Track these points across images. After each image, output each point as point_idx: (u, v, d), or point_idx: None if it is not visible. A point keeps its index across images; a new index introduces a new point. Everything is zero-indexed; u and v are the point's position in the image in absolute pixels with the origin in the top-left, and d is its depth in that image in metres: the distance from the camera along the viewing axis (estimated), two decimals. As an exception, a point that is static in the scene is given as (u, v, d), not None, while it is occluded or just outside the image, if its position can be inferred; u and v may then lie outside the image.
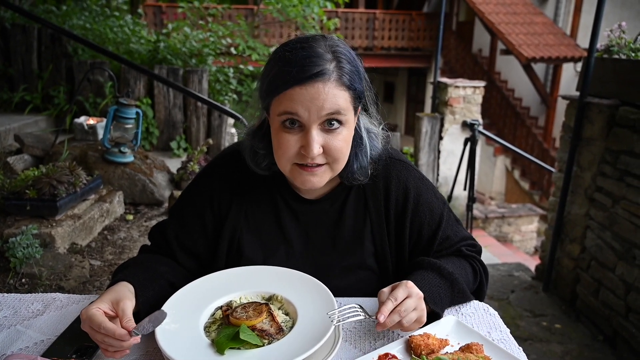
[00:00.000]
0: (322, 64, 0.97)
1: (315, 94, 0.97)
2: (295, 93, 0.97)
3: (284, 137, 1.02)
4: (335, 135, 1.02)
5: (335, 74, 0.98)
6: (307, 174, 1.05)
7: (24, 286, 2.52)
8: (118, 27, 6.02)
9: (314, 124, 0.99)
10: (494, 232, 7.28)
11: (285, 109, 0.99)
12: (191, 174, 3.85)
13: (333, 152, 1.03)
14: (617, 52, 3.25)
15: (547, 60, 10.94)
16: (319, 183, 1.07)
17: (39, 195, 2.81)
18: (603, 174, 3.27)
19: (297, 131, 1.01)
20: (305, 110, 0.98)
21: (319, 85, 0.97)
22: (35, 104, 5.03)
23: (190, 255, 1.21)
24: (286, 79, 0.97)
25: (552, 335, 3.34)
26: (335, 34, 7.68)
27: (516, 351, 0.99)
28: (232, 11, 9.95)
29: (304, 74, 0.96)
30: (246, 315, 0.96)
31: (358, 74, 1.04)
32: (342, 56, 1.01)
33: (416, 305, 0.97)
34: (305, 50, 0.99)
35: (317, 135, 1.00)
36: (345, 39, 1.36)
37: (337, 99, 0.99)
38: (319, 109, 0.98)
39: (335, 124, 1.01)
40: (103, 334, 0.88)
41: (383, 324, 0.94)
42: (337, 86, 0.99)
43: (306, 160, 1.02)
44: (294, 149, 1.02)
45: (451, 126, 6.22)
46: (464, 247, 1.24)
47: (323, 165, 1.05)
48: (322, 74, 0.97)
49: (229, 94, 5.91)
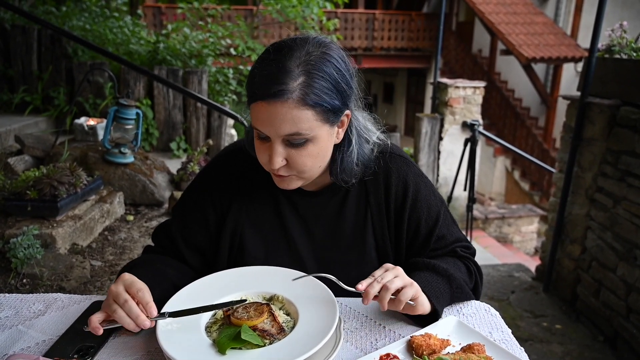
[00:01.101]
0: (285, 82, 0.94)
1: (273, 113, 0.96)
2: (257, 109, 0.98)
3: (258, 145, 1.05)
4: (299, 151, 1.02)
5: (297, 92, 0.94)
6: (279, 179, 1.09)
7: (25, 286, 2.52)
8: (118, 28, 6.02)
9: (277, 139, 1.00)
10: (494, 233, 7.28)
11: (254, 123, 1.01)
12: (191, 174, 3.86)
13: (297, 165, 1.04)
14: (619, 52, 3.25)
15: (547, 60, 10.94)
16: (291, 186, 1.10)
17: (40, 196, 2.81)
18: (604, 175, 3.27)
19: (266, 140, 1.02)
20: (265, 127, 0.99)
21: (277, 105, 0.95)
22: (36, 105, 5.03)
23: (196, 251, 1.22)
24: (252, 93, 0.99)
25: (552, 336, 3.34)
26: (334, 35, 7.64)
27: (518, 351, 0.99)
28: (232, 12, 9.95)
29: (263, 92, 0.96)
30: (247, 315, 0.96)
31: (336, 89, 0.99)
32: (315, 72, 0.96)
33: (396, 274, 1.00)
34: (274, 64, 0.96)
35: (280, 148, 1.01)
36: (344, 40, 1.36)
37: (297, 120, 0.96)
38: (277, 129, 0.98)
39: (299, 140, 1.00)
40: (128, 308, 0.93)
41: (366, 292, 0.96)
42: (297, 106, 0.95)
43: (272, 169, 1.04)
44: (265, 157, 1.04)
45: (451, 127, 6.22)
46: (459, 248, 1.25)
47: (289, 176, 1.07)
48: (280, 94, 0.94)
49: (229, 94, 5.91)
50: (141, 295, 0.96)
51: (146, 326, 0.94)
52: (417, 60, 14.51)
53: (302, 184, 1.11)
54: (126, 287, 0.97)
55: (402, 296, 0.98)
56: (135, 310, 0.94)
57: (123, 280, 0.98)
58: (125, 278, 0.99)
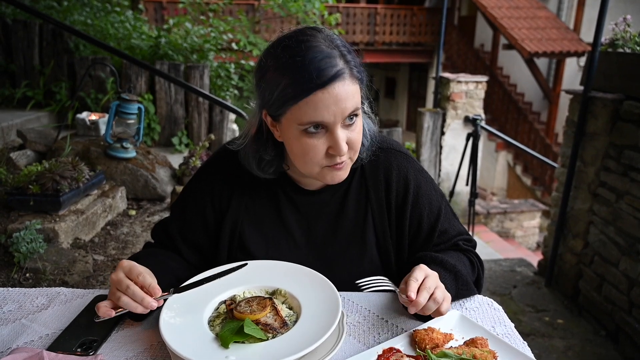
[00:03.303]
0: (336, 64, 0.96)
1: (336, 96, 0.95)
2: (317, 99, 0.95)
3: (309, 143, 1.00)
4: (353, 129, 1.03)
5: (347, 70, 0.97)
6: (337, 171, 1.06)
7: (28, 281, 2.53)
8: (119, 22, 6.01)
9: (338, 124, 0.99)
10: (496, 228, 7.28)
11: (310, 118, 0.97)
12: (193, 169, 3.86)
13: (354, 144, 1.04)
14: (622, 46, 3.23)
15: (550, 54, 10.89)
16: (346, 175, 1.09)
17: (42, 190, 2.81)
18: (607, 169, 3.26)
19: (321, 134, 1.00)
20: (331, 114, 0.97)
21: (338, 86, 0.95)
22: (37, 99, 5.03)
23: (194, 249, 1.22)
24: (306, 86, 0.94)
25: (554, 331, 3.34)
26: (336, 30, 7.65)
27: (521, 345, 0.99)
28: (233, 6, 9.91)
29: (323, 78, 0.94)
30: (250, 309, 0.96)
31: (355, 59, 1.02)
32: (342, 48, 1.00)
33: (437, 284, 0.99)
34: (313, 51, 0.96)
35: (342, 133, 1.00)
36: (346, 34, 1.36)
37: (354, 94, 0.99)
38: (343, 110, 0.97)
39: (353, 119, 1.02)
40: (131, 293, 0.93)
41: (416, 302, 0.94)
42: (351, 82, 0.98)
43: (336, 160, 1.03)
44: (322, 153, 1.02)
45: (453, 121, 6.20)
46: (461, 241, 1.25)
47: (344, 163, 1.06)
48: (338, 74, 0.95)
49: (230, 89, 5.90)
50: (142, 278, 0.96)
51: (153, 306, 0.95)
52: (419, 55, 14.46)
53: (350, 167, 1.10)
54: (126, 273, 0.97)
55: (442, 308, 0.99)
56: (139, 293, 0.94)
57: (122, 267, 0.98)
58: (124, 265, 0.99)
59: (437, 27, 12.95)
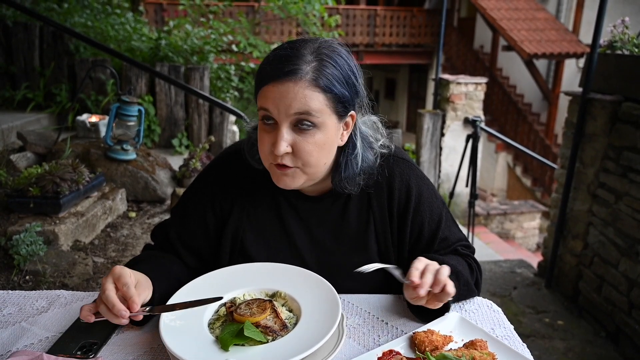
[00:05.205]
0: (298, 64, 0.97)
1: (284, 92, 0.97)
2: (268, 90, 0.99)
3: (261, 134, 1.05)
4: (306, 137, 1.01)
5: (310, 74, 0.97)
6: (280, 173, 1.05)
7: (28, 283, 2.53)
8: (119, 24, 6.02)
9: (284, 122, 1.00)
10: (496, 229, 7.28)
11: (261, 104, 1.01)
12: (193, 171, 3.86)
13: (301, 154, 1.02)
14: (620, 48, 3.24)
15: (549, 56, 10.90)
16: (293, 184, 1.07)
17: (42, 192, 2.81)
18: (606, 170, 3.27)
19: (271, 128, 1.02)
20: (275, 107, 0.99)
21: (290, 84, 0.97)
22: (38, 101, 5.04)
23: (194, 254, 1.22)
24: (262, 77, 1.00)
25: (554, 332, 3.34)
26: (336, 31, 7.66)
27: (520, 347, 0.99)
28: (233, 8, 9.92)
29: (276, 72, 0.98)
30: (250, 311, 0.96)
31: (345, 80, 1.02)
32: (328, 60, 0.99)
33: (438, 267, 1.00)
34: (288, 50, 1.00)
35: (287, 133, 1.00)
36: (346, 36, 1.36)
37: (308, 99, 0.98)
38: (287, 107, 0.98)
39: (306, 125, 1.00)
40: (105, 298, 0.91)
41: (422, 282, 0.96)
42: (310, 87, 0.97)
43: (276, 159, 1.02)
44: (269, 146, 1.03)
45: (453, 123, 6.21)
46: (460, 247, 1.26)
47: (292, 168, 1.04)
48: (293, 72, 0.97)
49: (231, 91, 5.91)
50: (126, 289, 0.93)
51: (122, 322, 0.92)
52: (419, 56, 14.47)
53: (304, 183, 1.08)
54: (114, 280, 0.95)
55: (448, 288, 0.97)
56: (111, 299, 0.91)
57: (113, 274, 0.96)
58: (115, 271, 0.97)
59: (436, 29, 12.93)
